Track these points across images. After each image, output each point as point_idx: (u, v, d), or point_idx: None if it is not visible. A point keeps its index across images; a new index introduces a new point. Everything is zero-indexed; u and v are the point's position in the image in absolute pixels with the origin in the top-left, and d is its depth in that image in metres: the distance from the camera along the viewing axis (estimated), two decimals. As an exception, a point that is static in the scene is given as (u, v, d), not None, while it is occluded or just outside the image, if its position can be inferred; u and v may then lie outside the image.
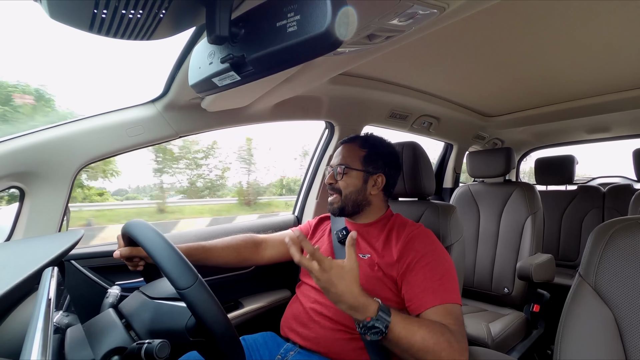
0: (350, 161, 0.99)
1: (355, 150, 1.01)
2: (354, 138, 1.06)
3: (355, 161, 0.99)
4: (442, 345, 0.68)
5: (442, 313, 0.76)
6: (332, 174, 1.00)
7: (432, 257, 0.85)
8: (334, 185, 0.99)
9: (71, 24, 0.50)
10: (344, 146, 1.04)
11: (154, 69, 4.37)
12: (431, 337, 0.68)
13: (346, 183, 0.98)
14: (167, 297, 0.68)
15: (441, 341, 0.68)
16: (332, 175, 1.00)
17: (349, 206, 0.98)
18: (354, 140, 1.04)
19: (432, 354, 0.67)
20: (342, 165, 0.99)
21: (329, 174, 1.01)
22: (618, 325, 0.61)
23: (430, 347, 0.67)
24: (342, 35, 0.41)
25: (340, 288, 0.66)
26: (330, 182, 1.00)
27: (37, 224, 0.91)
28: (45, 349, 0.33)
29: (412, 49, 1.14)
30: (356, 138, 1.05)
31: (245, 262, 1.05)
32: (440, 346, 0.68)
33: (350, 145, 1.03)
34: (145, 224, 0.70)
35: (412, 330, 0.68)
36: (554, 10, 0.92)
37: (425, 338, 0.68)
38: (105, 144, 1.00)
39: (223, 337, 0.59)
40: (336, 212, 0.99)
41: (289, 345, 0.95)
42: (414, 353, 0.68)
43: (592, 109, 1.77)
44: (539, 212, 1.71)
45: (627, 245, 0.64)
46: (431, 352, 0.67)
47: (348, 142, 1.04)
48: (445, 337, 0.69)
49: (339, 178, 0.98)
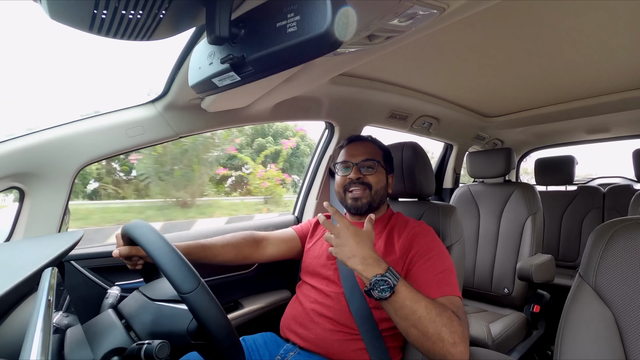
0: (377, 158, 1.01)
1: (376, 149, 1.03)
2: (366, 138, 1.07)
3: (380, 159, 1.01)
4: (443, 320, 0.67)
5: (445, 303, 0.75)
6: (357, 169, 0.98)
7: (434, 252, 0.86)
8: (362, 180, 0.97)
9: (71, 24, 0.50)
10: (363, 143, 1.04)
11: (154, 69, 4.29)
12: (434, 308, 0.68)
13: (377, 178, 0.99)
14: (168, 299, 0.68)
15: (444, 316, 0.68)
16: (357, 170, 0.98)
17: (376, 202, 0.99)
18: (370, 140, 1.06)
19: (433, 325, 0.66)
20: (373, 160, 0.99)
21: (350, 169, 0.99)
22: (618, 326, 0.61)
23: (432, 317, 0.66)
24: (342, 36, 0.41)
25: (355, 242, 0.73)
26: (358, 176, 0.97)
27: (37, 224, 0.91)
28: (45, 349, 0.33)
29: (412, 49, 1.14)
30: (368, 138, 1.07)
31: (245, 260, 1.05)
32: (442, 320, 0.67)
33: (369, 144, 1.04)
34: (147, 225, 0.70)
35: (417, 297, 0.69)
36: (554, 10, 0.92)
37: (429, 307, 0.67)
38: (105, 144, 1.00)
39: (225, 341, 0.59)
40: (364, 207, 0.97)
41: (289, 345, 0.95)
42: (416, 320, 0.67)
43: (592, 110, 1.77)
44: (539, 212, 1.71)
45: (627, 246, 0.64)
46: (433, 322, 0.66)
47: (365, 141, 1.05)
48: (448, 314, 0.69)
49: (370, 172, 0.98)
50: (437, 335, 0.66)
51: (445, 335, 0.66)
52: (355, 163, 0.98)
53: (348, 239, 0.73)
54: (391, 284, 0.68)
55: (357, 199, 0.97)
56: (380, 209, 1.04)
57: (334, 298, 0.92)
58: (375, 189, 0.98)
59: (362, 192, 0.97)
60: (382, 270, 0.69)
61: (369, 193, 0.97)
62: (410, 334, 0.68)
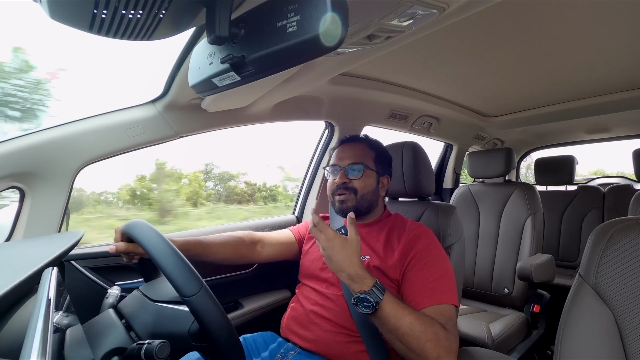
0: (366, 161, 0.98)
1: (366, 150, 1.00)
2: (357, 138, 1.05)
3: (369, 161, 0.99)
4: (428, 336, 0.69)
5: (434, 313, 0.76)
6: (343, 173, 0.96)
7: (431, 257, 0.86)
8: (347, 185, 0.96)
9: (71, 24, 0.50)
10: (351, 146, 1.01)
11: (153, 69, 4.25)
12: (419, 325, 0.70)
13: (364, 183, 0.96)
14: (169, 301, 0.68)
15: (429, 332, 0.69)
16: (343, 174, 0.96)
17: (363, 207, 0.97)
18: (360, 141, 1.03)
19: (416, 341, 0.68)
20: (360, 164, 0.97)
21: (338, 173, 0.97)
22: (618, 326, 0.61)
23: (416, 333, 0.69)
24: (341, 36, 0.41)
25: (342, 257, 0.74)
26: (343, 181, 0.95)
27: (37, 224, 0.91)
28: (45, 349, 0.33)
29: (412, 49, 1.14)
30: (360, 139, 1.05)
31: (242, 259, 1.04)
32: (427, 336, 0.69)
33: (358, 145, 1.01)
34: (147, 225, 0.70)
35: (402, 313, 0.71)
36: (554, 10, 0.92)
37: (413, 324, 0.70)
38: (105, 144, 1.00)
39: (226, 343, 0.59)
40: (350, 210, 0.95)
41: (289, 345, 0.94)
42: (400, 336, 0.69)
43: (592, 109, 1.77)
44: (539, 212, 1.71)
45: (627, 246, 0.64)
46: (416, 338, 0.69)
47: (354, 142, 1.03)
48: (434, 330, 0.70)
49: (356, 177, 0.96)
50: (420, 350, 0.68)
51: (428, 351, 0.68)
52: (342, 167, 0.97)
53: (335, 253, 0.75)
54: (373, 302, 0.70)
55: (343, 202, 0.96)
56: (373, 212, 1.02)
57: (335, 300, 0.91)
58: (360, 193, 0.96)
59: (346, 196, 0.96)
60: (366, 288, 0.72)
61: (354, 197, 0.96)
62: (396, 346, 0.72)
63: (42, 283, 0.44)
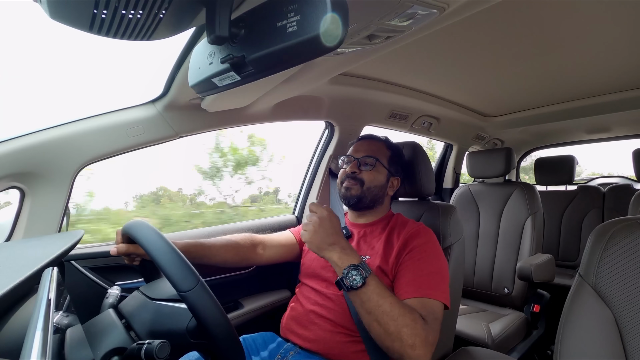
0: (380, 157, 1.01)
1: (382, 148, 1.03)
2: (376, 137, 1.08)
3: (383, 158, 1.01)
4: (406, 320, 0.69)
5: (416, 304, 0.76)
6: (355, 164, 1.00)
7: (425, 254, 0.86)
8: (356, 175, 0.98)
9: (71, 24, 0.50)
10: (369, 141, 1.05)
11: (153, 69, 4.27)
12: (399, 308, 0.70)
13: (373, 176, 0.99)
14: (168, 298, 0.68)
15: (407, 317, 0.69)
16: (355, 164, 0.99)
17: (367, 199, 0.99)
18: (379, 139, 1.06)
19: (394, 323, 0.68)
20: (373, 157, 0.99)
21: (351, 163, 1.01)
22: (618, 326, 0.61)
23: (394, 315, 0.69)
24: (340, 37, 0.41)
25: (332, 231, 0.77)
26: (353, 170, 0.99)
27: (37, 224, 0.91)
28: (45, 349, 0.33)
29: (412, 49, 1.14)
30: (379, 138, 1.08)
31: (243, 262, 1.05)
32: (405, 320, 0.69)
33: (376, 142, 1.05)
34: (146, 225, 0.70)
35: (385, 293, 0.72)
36: (554, 10, 0.92)
37: (393, 305, 0.70)
38: (105, 144, 1.00)
39: (224, 340, 0.59)
40: (353, 199, 0.98)
41: (289, 345, 0.95)
42: (379, 315, 0.69)
43: (592, 109, 1.77)
44: (539, 212, 1.71)
45: (627, 246, 0.64)
46: (394, 320, 0.69)
47: (373, 140, 1.06)
48: (413, 317, 0.70)
49: (367, 169, 0.99)
50: (396, 334, 0.68)
51: (404, 336, 0.68)
52: (356, 158, 1.00)
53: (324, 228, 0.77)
54: (364, 274, 0.71)
55: (348, 189, 0.99)
56: (378, 210, 1.03)
57: (335, 300, 0.91)
58: (367, 185, 0.98)
59: (353, 184, 0.98)
60: (356, 261, 0.73)
61: (360, 188, 0.98)
62: (373, 329, 0.71)
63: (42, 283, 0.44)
